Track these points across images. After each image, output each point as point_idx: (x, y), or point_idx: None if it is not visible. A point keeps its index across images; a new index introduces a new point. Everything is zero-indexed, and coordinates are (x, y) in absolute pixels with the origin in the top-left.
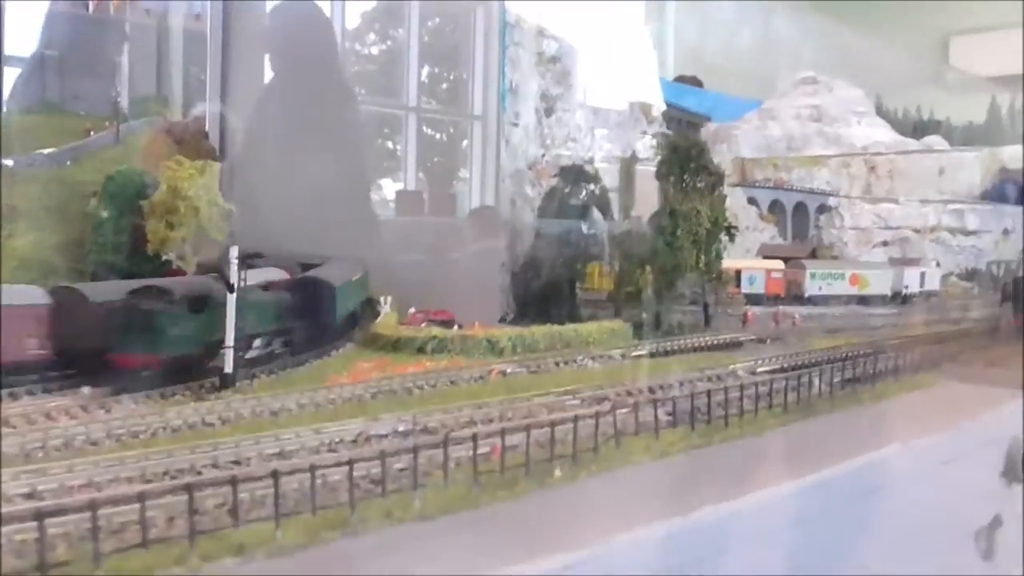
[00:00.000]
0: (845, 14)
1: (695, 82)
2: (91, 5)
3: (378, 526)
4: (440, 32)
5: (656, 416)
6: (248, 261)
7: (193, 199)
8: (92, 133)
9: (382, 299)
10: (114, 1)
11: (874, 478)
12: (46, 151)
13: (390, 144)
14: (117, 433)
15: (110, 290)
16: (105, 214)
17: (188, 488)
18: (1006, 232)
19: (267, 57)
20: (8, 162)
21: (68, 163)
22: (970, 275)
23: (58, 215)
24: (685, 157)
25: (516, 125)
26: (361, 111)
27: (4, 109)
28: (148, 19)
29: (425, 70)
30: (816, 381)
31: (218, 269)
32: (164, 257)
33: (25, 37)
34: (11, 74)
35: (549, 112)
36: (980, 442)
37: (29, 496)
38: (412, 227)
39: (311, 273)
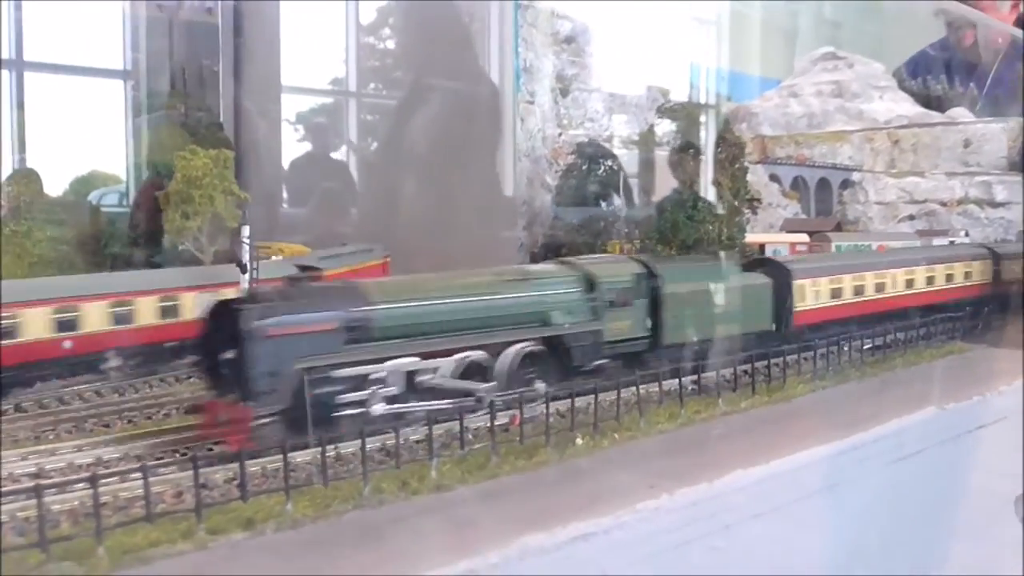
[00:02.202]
0: None
1: None
2: None
3: (392, 498)
4: (456, 23)
5: (680, 384)
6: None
7: (208, 188)
8: None
9: None
10: None
11: (909, 443)
12: None
13: None
14: (130, 415)
15: None
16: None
17: (194, 461)
18: None
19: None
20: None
21: None
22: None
23: (74, 209)
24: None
25: (532, 103)
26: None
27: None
28: (161, 14)
29: (443, 61)
30: (846, 347)
31: (231, 251)
32: (181, 247)
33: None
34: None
35: (565, 92)
36: (1017, 406)
37: (35, 476)
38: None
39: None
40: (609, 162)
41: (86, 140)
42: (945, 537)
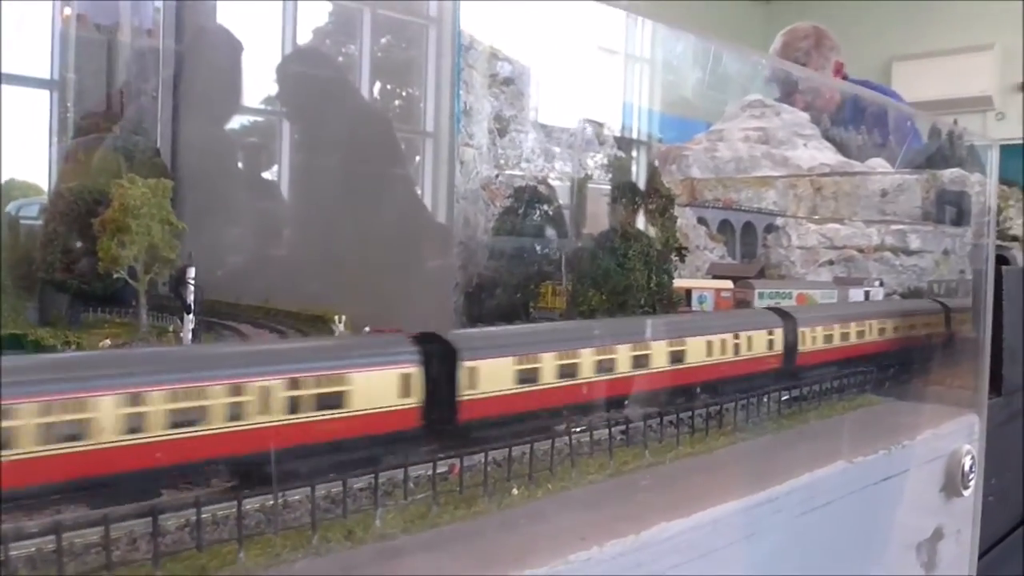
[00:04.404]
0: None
1: None
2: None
3: (339, 547)
4: (393, 49)
5: (611, 435)
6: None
7: (145, 217)
8: None
9: (336, 318)
10: (63, 16)
11: (820, 494)
12: None
13: None
14: None
15: None
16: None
17: (152, 511)
18: (946, 252)
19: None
20: None
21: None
22: (912, 294)
23: (5, 232)
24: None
25: (470, 145)
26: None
27: None
28: (98, 34)
29: (377, 86)
30: (765, 400)
31: (175, 290)
32: (115, 275)
33: None
34: None
35: (503, 133)
36: (921, 459)
37: None
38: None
39: None
40: (545, 206)
41: (2, 147)
42: None
